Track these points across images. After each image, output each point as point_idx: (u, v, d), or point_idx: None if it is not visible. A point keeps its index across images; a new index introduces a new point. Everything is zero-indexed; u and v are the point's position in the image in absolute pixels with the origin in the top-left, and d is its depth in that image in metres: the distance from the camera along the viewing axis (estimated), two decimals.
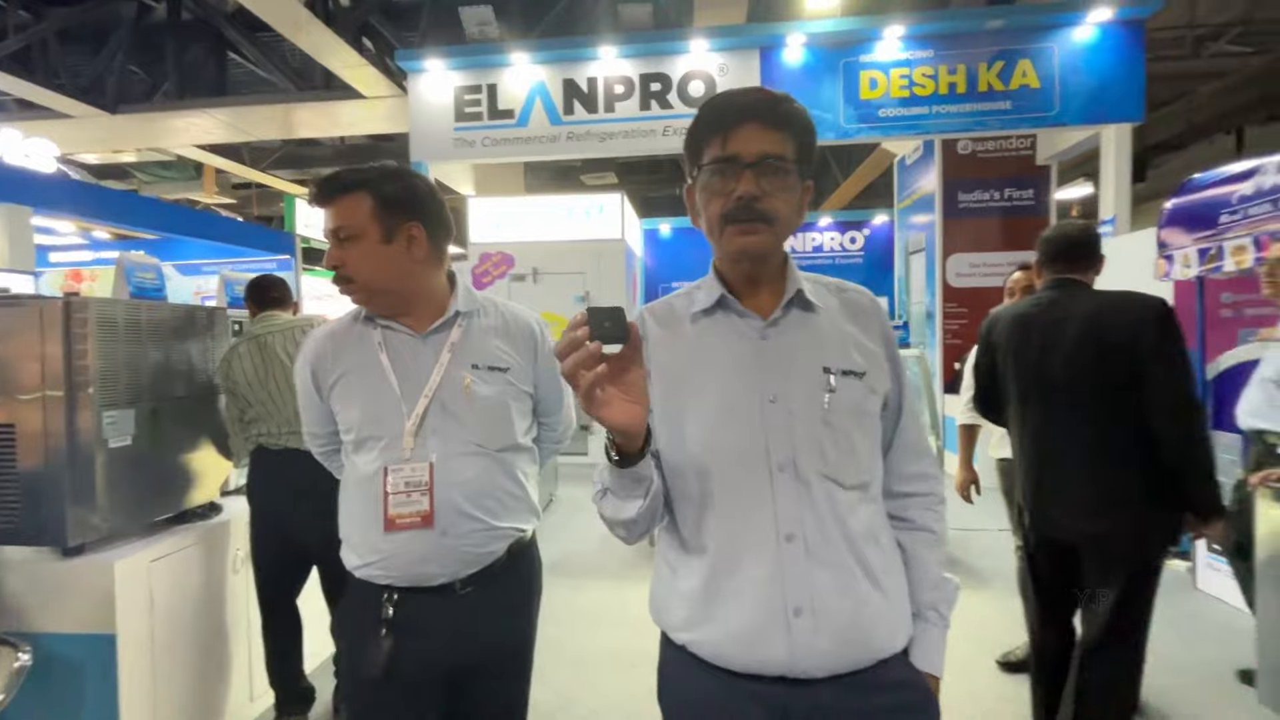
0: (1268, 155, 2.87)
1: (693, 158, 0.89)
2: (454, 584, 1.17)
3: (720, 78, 5.28)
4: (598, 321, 0.71)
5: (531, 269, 6.90)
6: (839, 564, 0.82)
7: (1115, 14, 4.84)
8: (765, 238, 0.84)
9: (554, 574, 3.54)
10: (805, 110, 0.86)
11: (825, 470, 0.83)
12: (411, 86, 5.63)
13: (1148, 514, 1.71)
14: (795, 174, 0.84)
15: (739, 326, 0.89)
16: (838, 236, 8.30)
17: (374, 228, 1.15)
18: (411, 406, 1.17)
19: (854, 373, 0.87)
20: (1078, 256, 1.86)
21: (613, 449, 0.79)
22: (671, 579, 0.91)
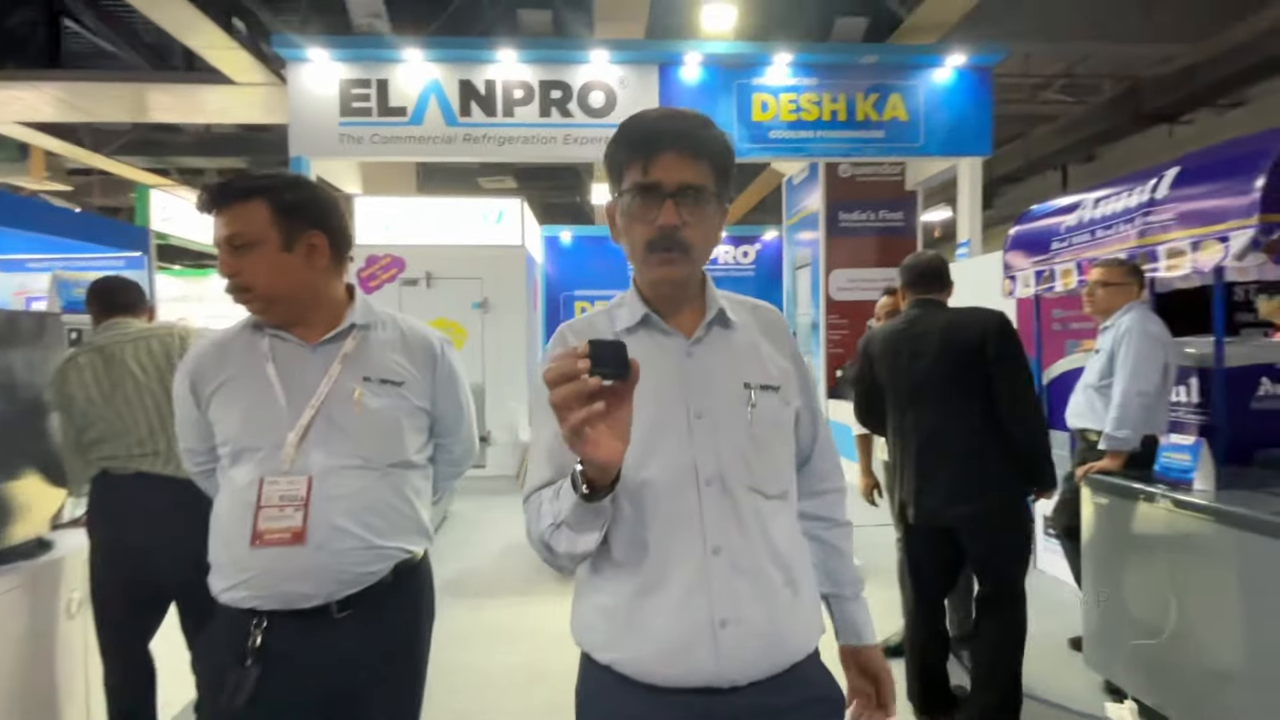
0: (1088, 191, 3.34)
1: (614, 177, 0.88)
2: (330, 606, 1.10)
3: (620, 90, 5.36)
4: (599, 355, 0.67)
5: (424, 273, 6.61)
6: (760, 572, 0.84)
7: (968, 60, 5.45)
8: (684, 268, 0.86)
9: (451, 594, 3.43)
10: (724, 135, 0.88)
11: (750, 482, 0.86)
12: (291, 76, 5.23)
13: (1007, 492, 2.03)
14: (714, 202, 0.86)
15: (664, 344, 0.90)
16: (731, 250, 8.65)
17: (273, 235, 1.11)
18: (296, 417, 1.12)
19: (771, 387, 0.90)
20: (933, 280, 2.19)
21: (584, 484, 0.75)
22: (595, 597, 0.89)
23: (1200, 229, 2.53)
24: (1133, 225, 2.84)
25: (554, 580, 3.66)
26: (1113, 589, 2.32)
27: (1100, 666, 2.41)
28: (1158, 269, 2.71)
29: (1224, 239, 2.42)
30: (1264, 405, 2.57)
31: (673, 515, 0.84)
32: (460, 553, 4.19)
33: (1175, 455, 2.17)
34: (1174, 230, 2.65)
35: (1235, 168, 2.47)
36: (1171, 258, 2.65)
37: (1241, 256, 2.34)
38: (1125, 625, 2.26)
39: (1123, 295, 2.57)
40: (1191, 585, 2.02)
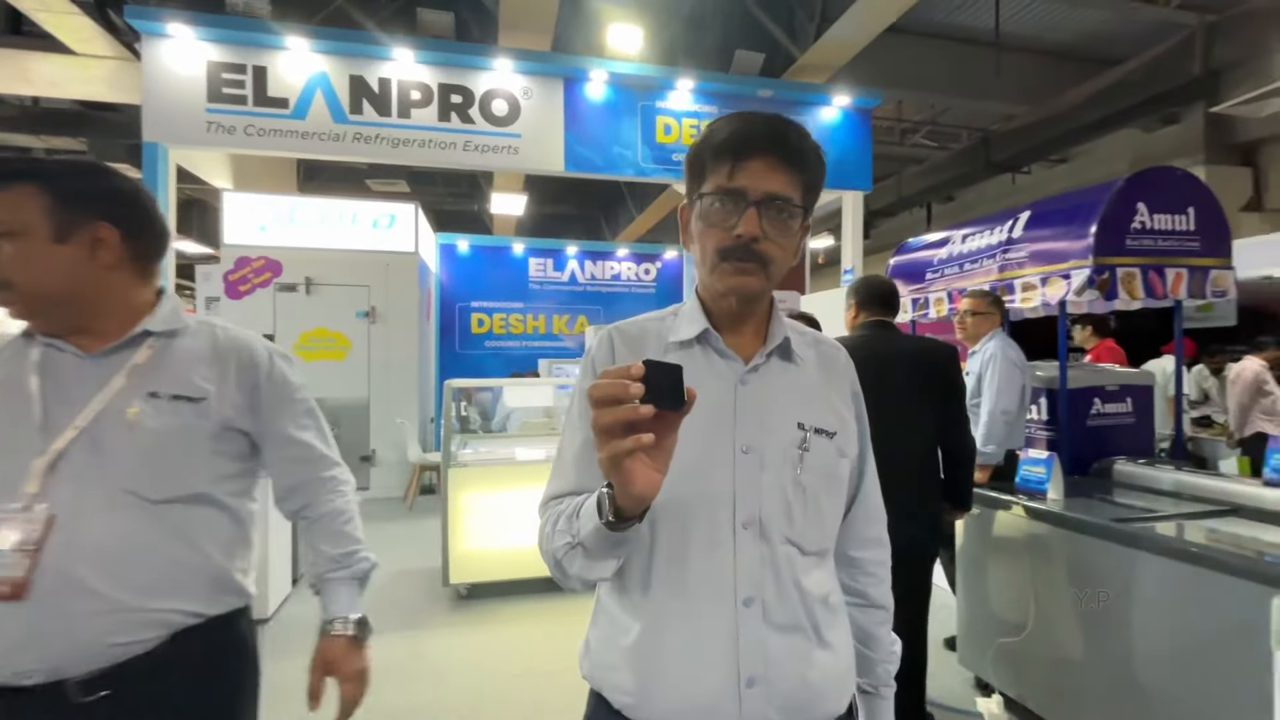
0: (956, 228, 3.69)
1: (694, 177, 0.81)
2: (64, 686, 0.88)
3: (524, 100, 5.26)
4: (655, 381, 0.60)
5: (304, 278, 6.09)
6: (793, 628, 0.79)
7: (852, 101, 5.91)
8: (759, 280, 0.79)
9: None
10: (819, 147, 0.81)
11: (790, 534, 0.80)
12: (147, 51, 4.64)
13: (934, 516, 2.15)
14: (799, 217, 0.79)
15: (719, 367, 0.83)
16: (634, 266, 8.74)
17: (42, 225, 0.94)
18: (50, 440, 0.92)
19: (826, 432, 0.83)
20: (889, 303, 2.27)
21: (611, 510, 0.68)
22: (614, 633, 0.82)
23: (1048, 266, 2.87)
24: (994, 260, 3.17)
25: (449, 608, 3.44)
26: (982, 592, 2.54)
27: (971, 664, 2.62)
28: (1014, 300, 3.04)
29: (1067, 276, 2.75)
30: (1097, 422, 2.94)
31: (703, 555, 0.78)
32: None
33: (1032, 468, 2.42)
34: (1027, 267, 2.98)
35: (1074, 215, 2.83)
36: (1025, 291, 2.98)
37: (1080, 292, 2.67)
38: (992, 625, 2.47)
39: (988, 323, 2.86)
40: (1046, 586, 2.24)
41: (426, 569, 4.05)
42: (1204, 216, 2.84)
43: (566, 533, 0.75)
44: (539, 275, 8.41)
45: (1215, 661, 1.71)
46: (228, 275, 5.91)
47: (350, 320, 6.24)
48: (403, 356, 6.36)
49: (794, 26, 6.23)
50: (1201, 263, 2.83)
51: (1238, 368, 4.57)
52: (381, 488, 6.25)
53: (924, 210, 11.85)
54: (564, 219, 13.76)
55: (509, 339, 8.29)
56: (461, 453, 3.99)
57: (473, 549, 3.53)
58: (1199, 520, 2.10)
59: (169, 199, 4.72)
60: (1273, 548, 1.81)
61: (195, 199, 10.23)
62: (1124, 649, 1.95)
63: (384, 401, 6.27)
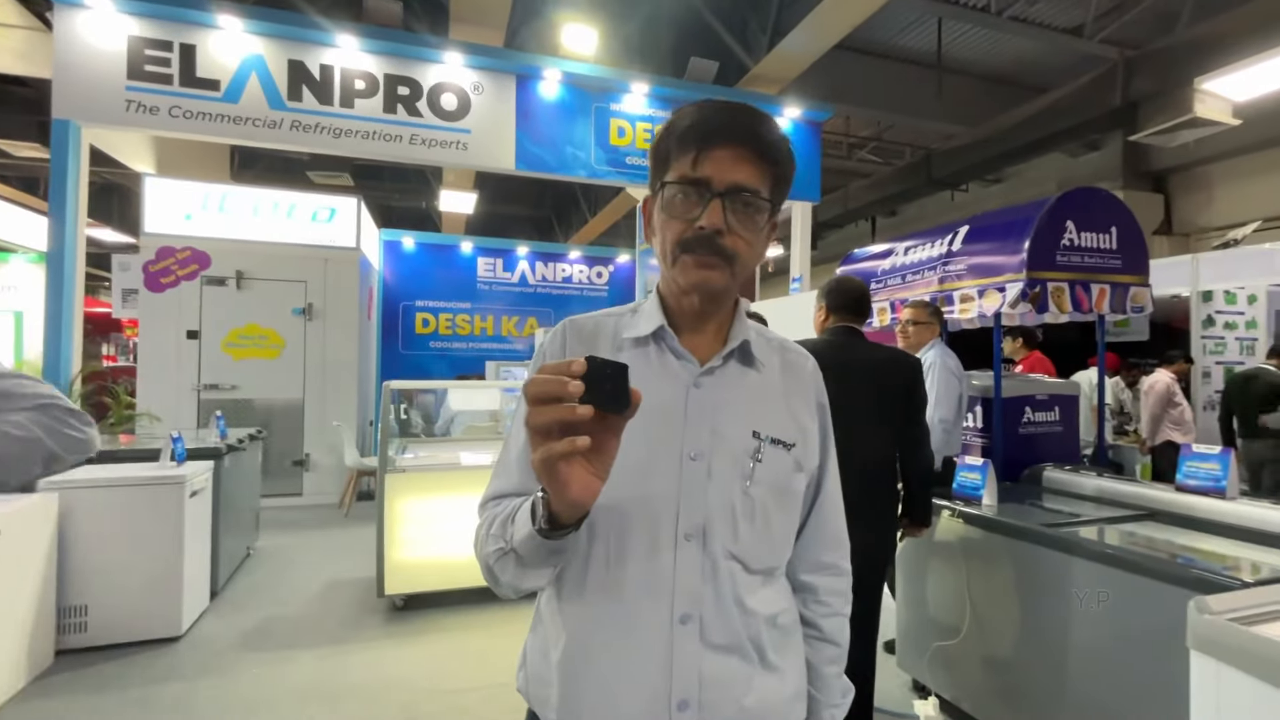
0: (899, 240, 3.80)
1: (658, 168, 0.76)
2: None
3: (475, 96, 5.13)
4: (596, 380, 0.55)
5: (234, 272, 5.74)
6: (732, 648, 0.74)
7: (803, 114, 6.03)
8: (722, 275, 0.74)
9: (251, 649, 2.92)
10: (789, 140, 0.77)
11: (734, 549, 0.74)
12: (60, 21, 4.29)
13: (889, 526, 2.16)
14: (767, 211, 0.75)
15: (672, 367, 0.78)
16: (585, 269, 8.66)
17: None
18: None
19: (784, 443, 0.78)
20: (861, 308, 2.23)
21: (544, 517, 0.63)
22: (546, 645, 0.77)
23: (984, 279, 2.98)
24: (935, 272, 3.27)
25: (383, 620, 3.28)
26: (920, 596, 2.59)
27: (909, 667, 2.67)
28: (953, 311, 3.14)
29: (1002, 289, 2.86)
30: (1028, 430, 3.06)
31: (641, 569, 0.73)
32: (266, 597, 3.59)
33: (968, 475, 2.49)
34: (965, 279, 3.08)
35: (1009, 231, 2.95)
36: (963, 302, 3.08)
37: (1015, 304, 2.78)
38: (929, 628, 2.53)
39: (929, 332, 2.94)
40: (980, 589, 2.31)
41: (361, 579, 3.86)
42: (1125, 236, 3.01)
43: (500, 538, 0.71)
44: (488, 275, 8.23)
45: (1139, 662, 1.79)
46: (148, 266, 5.51)
47: (285, 317, 5.92)
48: (341, 356, 6.08)
49: (747, 37, 6.32)
50: (1123, 279, 2.99)
51: (1150, 380, 4.88)
52: (316, 494, 5.95)
53: (869, 223, 12.25)
54: (516, 219, 13.56)
55: (455, 340, 8.06)
56: (401, 457, 3.83)
57: (410, 558, 3.38)
58: (1120, 524, 2.20)
59: (81, 181, 4.36)
60: (1186, 550, 1.91)
61: (115, 184, 9.56)
62: (1055, 651, 2.02)
63: (320, 403, 5.98)
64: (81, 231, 4.37)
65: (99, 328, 9.22)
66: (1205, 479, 2.17)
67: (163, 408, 5.32)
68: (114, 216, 9.98)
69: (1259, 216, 6.95)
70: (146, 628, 2.93)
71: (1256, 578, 1.59)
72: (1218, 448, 2.20)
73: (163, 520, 2.94)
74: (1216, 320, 5.44)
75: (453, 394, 5.75)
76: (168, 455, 3.13)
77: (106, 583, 2.85)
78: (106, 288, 9.69)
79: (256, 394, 5.80)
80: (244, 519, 4.13)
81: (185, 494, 2.99)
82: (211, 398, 5.63)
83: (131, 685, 2.59)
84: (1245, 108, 5.17)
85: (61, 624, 2.79)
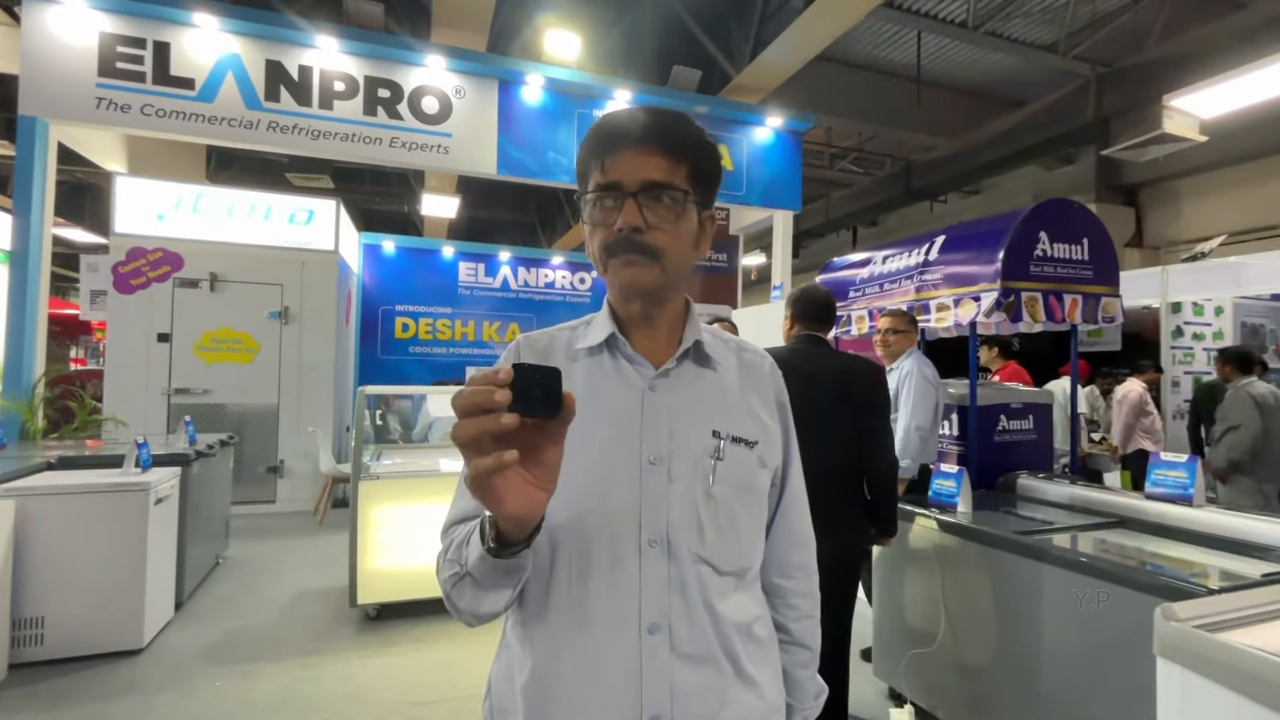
0: (877, 250, 3.83)
1: (580, 185, 0.78)
2: None
3: (456, 100, 5.10)
4: (524, 386, 0.53)
5: (208, 274, 5.63)
6: (705, 659, 0.72)
7: (784, 123, 6.08)
8: (651, 271, 0.73)
9: (215, 662, 2.83)
10: (702, 132, 0.77)
11: (701, 551, 0.73)
12: (28, 16, 4.19)
13: (857, 533, 2.14)
14: (687, 203, 0.74)
15: (627, 373, 0.77)
16: (568, 275, 8.63)
17: None
18: None
19: (745, 441, 0.78)
20: (825, 317, 2.24)
21: (492, 535, 0.61)
22: (511, 670, 0.75)
23: (960, 289, 3.01)
24: (912, 281, 3.30)
25: (355, 630, 3.21)
26: (896, 603, 2.59)
27: (885, 675, 2.67)
28: (929, 320, 3.17)
29: (977, 298, 2.89)
30: (1002, 438, 3.09)
31: (605, 580, 0.71)
32: (232, 609, 3.50)
33: (944, 482, 2.50)
34: (942, 288, 3.11)
35: (984, 241, 2.98)
36: (939, 311, 3.11)
37: (990, 313, 2.81)
38: (904, 636, 2.53)
39: (906, 341, 2.96)
40: (956, 597, 2.31)
41: (333, 589, 3.78)
42: (1097, 248, 3.06)
43: (455, 562, 0.69)
44: (469, 280, 8.16)
45: (1110, 668, 1.80)
46: (118, 267, 5.38)
47: (260, 321, 5.82)
48: (317, 360, 5.98)
49: (730, 47, 6.37)
50: (1094, 290, 3.04)
51: (1123, 389, 4.97)
52: (290, 501, 5.83)
53: (850, 232, 12.39)
54: (499, 224, 13.50)
55: (436, 345, 7.98)
56: (378, 464, 3.76)
57: (384, 566, 3.32)
58: (1091, 532, 2.22)
59: (48, 179, 4.26)
60: (1154, 557, 1.94)
61: (87, 183, 9.35)
62: (1028, 658, 2.03)
63: (295, 408, 5.87)
64: (48, 231, 4.26)
65: (66, 330, 8.98)
66: (1173, 487, 2.21)
67: (131, 412, 5.18)
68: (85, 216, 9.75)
69: (1225, 231, 7.15)
70: (106, 640, 2.83)
71: (1222, 584, 1.61)
72: (1185, 456, 2.24)
73: (125, 528, 2.85)
74: (1185, 331, 5.57)
75: (431, 399, 5.68)
76: (132, 461, 3.04)
77: (65, 593, 2.75)
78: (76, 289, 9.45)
79: (230, 399, 5.68)
80: (213, 527, 4.02)
81: (150, 501, 2.91)
82: (182, 402, 5.50)
83: (87, 700, 2.50)
84: (1212, 125, 5.32)
85: (16, 636, 2.69)
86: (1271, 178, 7.31)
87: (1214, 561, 1.89)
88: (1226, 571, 1.79)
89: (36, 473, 2.98)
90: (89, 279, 6.22)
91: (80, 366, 8.93)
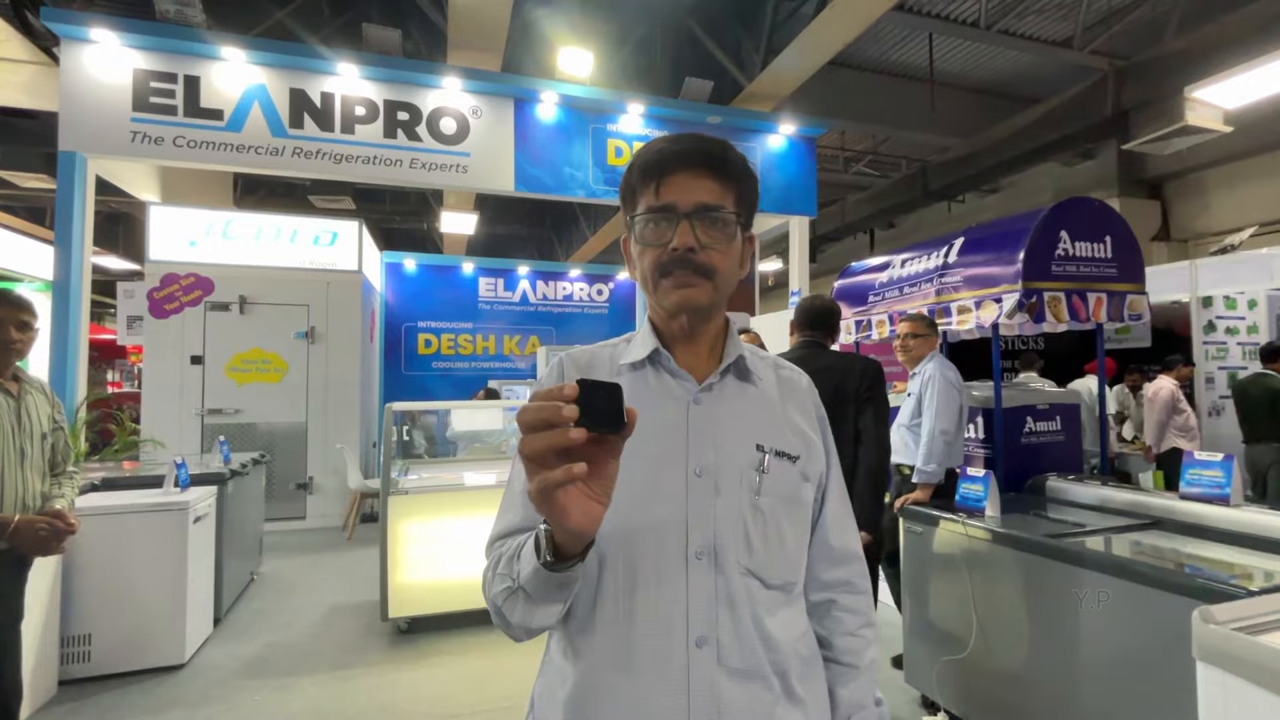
0: (896, 253, 3.82)
1: (627, 206, 0.80)
2: None
3: (473, 119, 5.21)
4: (590, 402, 0.54)
5: (238, 297, 5.80)
6: (754, 675, 0.72)
7: (797, 130, 6.10)
8: (704, 290, 0.76)
9: (253, 677, 2.90)
10: (745, 157, 0.80)
11: (749, 564, 0.73)
12: (66, 56, 4.38)
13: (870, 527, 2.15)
14: (735, 224, 0.77)
15: (671, 387, 0.79)
16: (586, 287, 8.70)
17: None
18: None
19: (788, 455, 0.79)
20: (820, 324, 2.32)
21: (549, 549, 0.62)
22: (555, 685, 0.75)
23: (981, 291, 2.99)
24: (931, 284, 3.28)
25: (387, 644, 3.26)
26: (925, 610, 2.57)
27: (917, 682, 2.64)
28: (951, 322, 3.15)
29: (998, 300, 2.87)
30: (1029, 440, 3.05)
31: (652, 592, 0.71)
32: (267, 624, 3.57)
33: (971, 486, 2.48)
34: (962, 291, 3.10)
35: (1004, 242, 2.96)
36: (961, 314, 3.09)
37: (1012, 315, 2.79)
38: (935, 642, 2.50)
39: (927, 345, 2.94)
40: (986, 602, 2.29)
41: (365, 603, 3.84)
42: (1120, 245, 3.02)
43: (507, 576, 0.68)
44: (489, 295, 8.28)
45: (1147, 672, 1.77)
46: (152, 293, 5.56)
47: (288, 341, 5.96)
48: (344, 378, 6.11)
49: (741, 56, 6.41)
50: (1119, 288, 3.00)
51: (1153, 387, 4.85)
52: (319, 517, 5.94)
53: (867, 235, 12.30)
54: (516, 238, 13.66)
55: (458, 360, 8.09)
56: (405, 479, 3.83)
57: (414, 580, 3.37)
58: (1124, 534, 2.19)
59: (87, 211, 4.43)
60: (1191, 559, 1.90)
61: (122, 212, 9.68)
62: (1063, 663, 2.00)
63: (323, 426, 6.00)
64: (87, 261, 4.43)
65: (104, 354, 9.28)
66: (1208, 486, 2.16)
67: (167, 433, 5.34)
68: (119, 244, 10.09)
69: (1255, 221, 6.97)
70: (149, 656, 2.92)
71: (1261, 586, 1.58)
72: (1219, 454, 2.19)
73: (166, 547, 2.94)
74: (1218, 325, 5.43)
75: (455, 414, 5.75)
76: (171, 481, 3.14)
77: (110, 611, 2.85)
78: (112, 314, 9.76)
79: (260, 418, 5.82)
80: (247, 544, 4.12)
81: (189, 520, 3.00)
82: (215, 422, 5.65)
83: (134, 715, 2.58)
84: (1237, 114, 5.21)
85: (64, 654, 2.79)
86: None
87: (1253, 562, 1.85)
88: (1267, 572, 1.75)
89: (81, 494, 3.09)
90: (125, 305, 6.43)
91: (117, 390, 9.21)
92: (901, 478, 3.02)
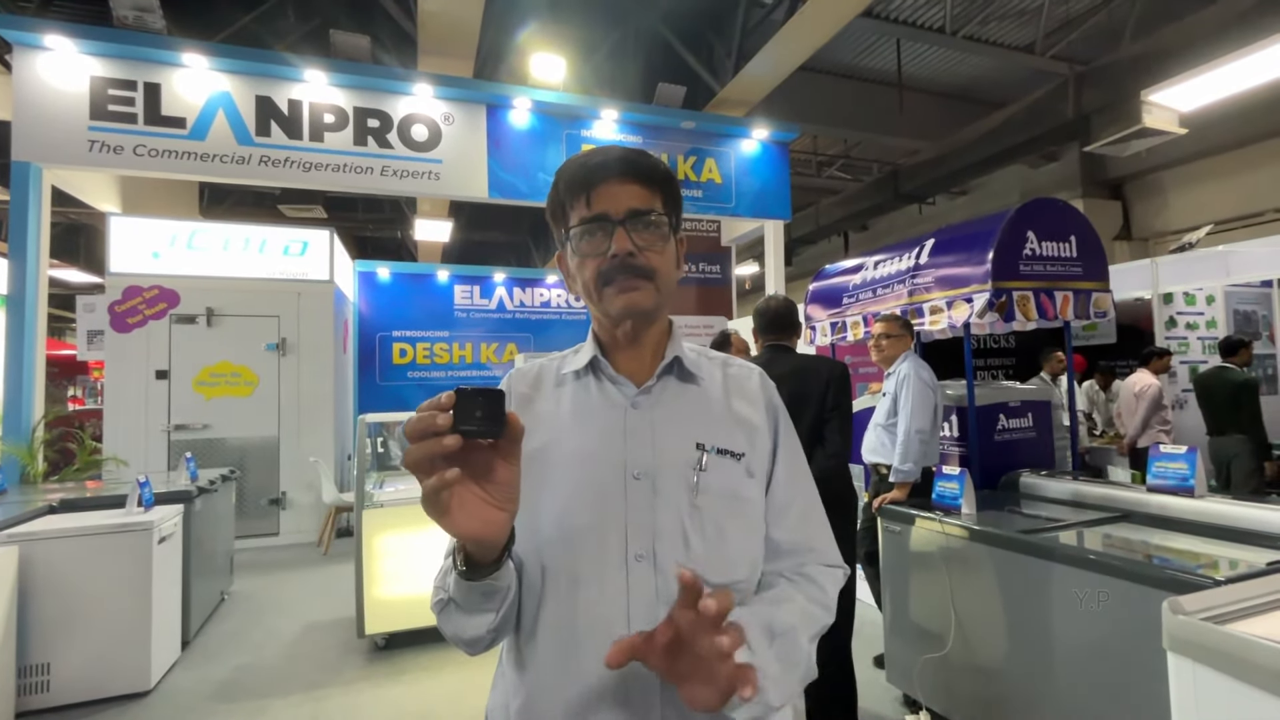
0: (868, 255, 3.87)
1: (558, 223, 0.81)
2: None
3: (445, 126, 5.16)
4: (466, 408, 0.56)
5: (205, 309, 5.65)
6: None
7: (770, 135, 6.15)
8: (648, 293, 0.77)
9: (224, 700, 2.81)
10: (665, 163, 0.83)
11: (687, 563, 0.72)
12: (19, 64, 4.25)
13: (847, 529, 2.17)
14: (668, 226, 0.79)
15: (610, 393, 0.80)
16: (564, 293, 8.65)
17: None
18: None
19: (730, 453, 0.78)
20: (782, 326, 2.32)
21: (459, 557, 0.63)
22: (506, 698, 0.76)
23: (952, 291, 3.03)
24: (904, 285, 3.33)
25: (364, 661, 3.19)
26: (905, 608, 2.58)
27: (898, 681, 2.65)
28: (923, 322, 3.19)
29: (969, 300, 2.92)
30: (1002, 437, 3.10)
31: (592, 598, 0.71)
32: (240, 645, 3.47)
33: (946, 484, 2.51)
34: (934, 291, 3.14)
35: (973, 243, 3.02)
36: (933, 314, 3.14)
37: (983, 314, 2.83)
38: (915, 640, 2.52)
39: (901, 345, 2.97)
40: (965, 599, 2.31)
41: (340, 619, 3.75)
42: (1084, 244, 3.09)
43: (441, 589, 0.70)
44: (465, 303, 8.19)
45: (1123, 664, 1.79)
46: (114, 306, 5.39)
47: (258, 353, 5.82)
48: (316, 390, 5.98)
49: (714, 62, 6.46)
50: (1084, 286, 3.07)
51: (1142, 383, 4.75)
52: (293, 533, 5.80)
53: (841, 238, 12.47)
54: (493, 245, 13.56)
55: (434, 369, 7.98)
56: (380, 491, 3.75)
57: (391, 595, 3.30)
58: (1095, 527, 2.23)
59: (43, 223, 4.28)
60: (1160, 551, 1.94)
61: (82, 224, 9.40)
62: (1040, 657, 2.02)
63: (296, 439, 5.86)
64: (44, 274, 4.28)
65: (63, 371, 8.97)
66: (1174, 478, 2.22)
67: (131, 451, 5.17)
68: (80, 257, 9.79)
69: (1211, 220, 7.21)
70: (113, 683, 2.80)
71: (1227, 575, 1.62)
72: (1184, 447, 2.25)
73: (130, 569, 2.84)
74: (1178, 321, 5.60)
75: None
76: (134, 501, 3.03)
77: (70, 638, 2.74)
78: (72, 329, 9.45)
79: (230, 433, 5.67)
80: (217, 563, 4.00)
81: (153, 540, 2.90)
82: (182, 438, 5.49)
83: None
84: (1192, 117, 5.39)
85: (21, 684, 2.67)
86: (1255, 165, 7.40)
87: (1218, 551, 1.89)
88: (1232, 560, 1.79)
89: (38, 517, 2.97)
90: (85, 319, 6.23)
91: (78, 406, 8.90)
92: (879, 477, 3.04)
